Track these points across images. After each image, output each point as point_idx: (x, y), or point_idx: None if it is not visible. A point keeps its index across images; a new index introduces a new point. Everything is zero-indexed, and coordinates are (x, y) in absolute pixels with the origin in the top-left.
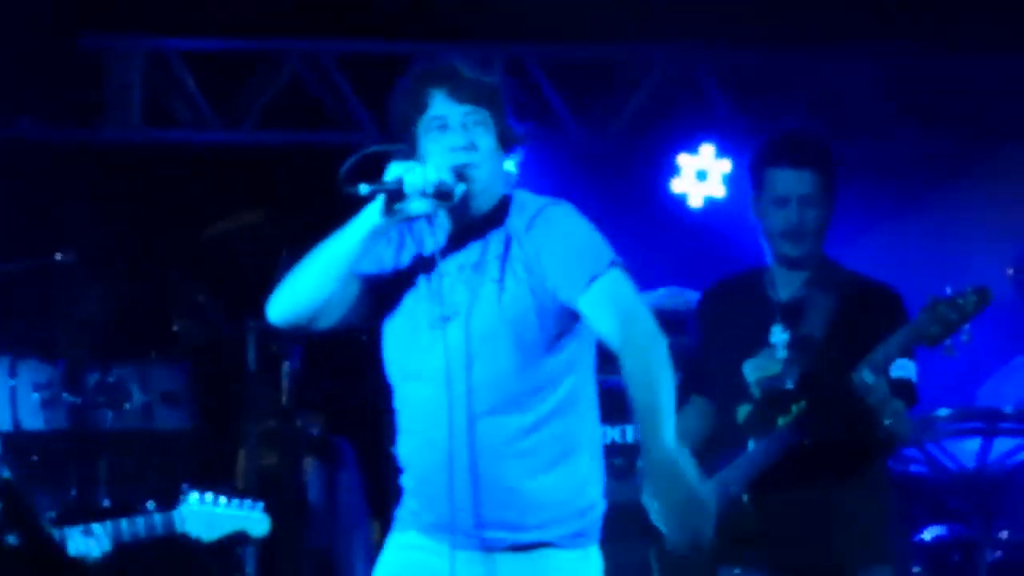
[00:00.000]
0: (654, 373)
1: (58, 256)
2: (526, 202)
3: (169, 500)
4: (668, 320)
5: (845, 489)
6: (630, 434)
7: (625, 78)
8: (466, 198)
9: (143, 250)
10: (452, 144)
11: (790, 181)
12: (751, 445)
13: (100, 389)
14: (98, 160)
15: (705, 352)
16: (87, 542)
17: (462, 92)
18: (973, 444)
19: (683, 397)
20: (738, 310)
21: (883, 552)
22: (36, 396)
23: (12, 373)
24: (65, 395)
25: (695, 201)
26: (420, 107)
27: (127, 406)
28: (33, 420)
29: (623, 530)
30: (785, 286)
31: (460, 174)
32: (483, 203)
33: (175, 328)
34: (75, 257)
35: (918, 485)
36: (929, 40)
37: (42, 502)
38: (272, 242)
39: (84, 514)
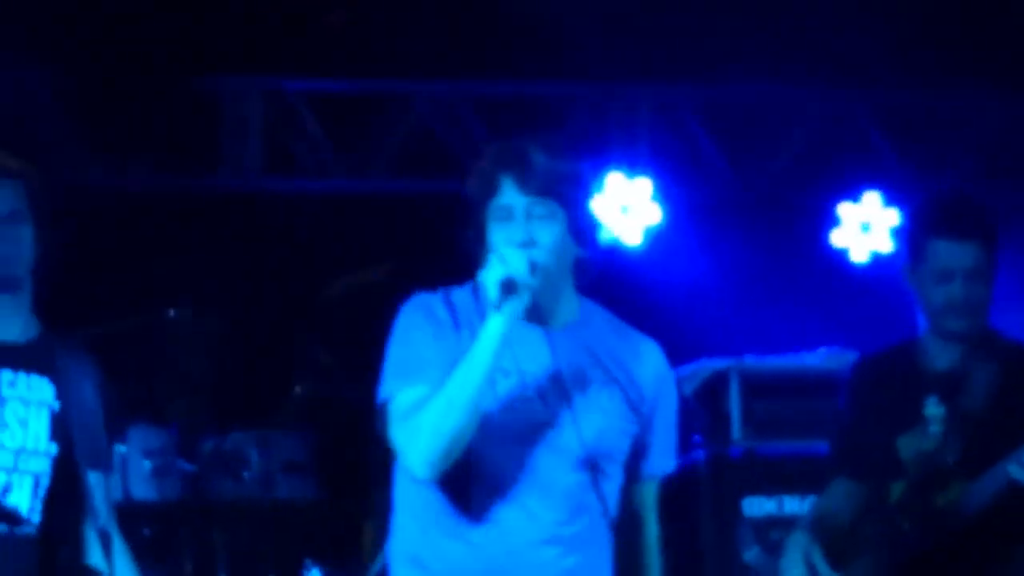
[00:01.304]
0: None
1: (171, 313)
2: (619, 321)
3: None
4: (830, 382)
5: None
6: (787, 506)
7: (782, 121)
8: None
9: (262, 307)
10: (512, 238)
11: (955, 254)
12: (904, 526)
13: (217, 456)
14: (214, 209)
15: (854, 429)
16: None
17: (530, 182)
18: None
19: (830, 475)
20: (891, 383)
21: None
22: (148, 464)
23: (122, 439)
24: (179, 463)
25: (858, 255)
26: (489, 192)
27: (246, 475)
28: (145, 490)
29: None
30: (942, 357)
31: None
32: (548, 302)
33: (297, 391)
34: (189, 314)
35: None
36: None
37: None
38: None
39: None
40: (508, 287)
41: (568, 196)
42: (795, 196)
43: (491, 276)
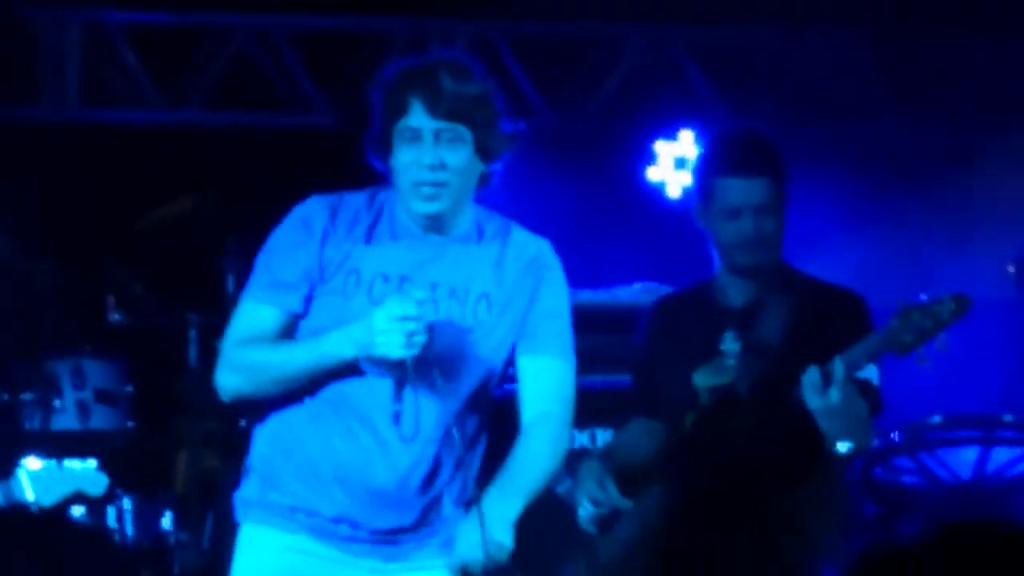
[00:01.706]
0: (543, 469)
1: None
2: (510, 232)
3: (4, 469)
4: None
5: (797, 496)
6: (599, 439)
7: (599, 59)
8: (441, 217)
9: (77, 237)
10: (420, 160)
11: (743, 191)
12: (695, 453)
13: (29, 385)
14: (31, 140)
15: (650, 367)
16: None
17: (440, 105)
18: (970, 454)
19: (628, 413)
20: (688, 321)
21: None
22: None
23: None
24: None
25: (673, 191)
26: (397, 112)
27: (58, 403)
28: None
29: None
30: (736, 292)
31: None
32: (453, 222)
33: (111, 321)
34: (3, 244)
35: (911, 497)
36: (924, 18)
37: None
38: (214, 230)
39: None
40: (404, 368)
41: (475, 118)
42: (612, 133)
43: (391, 331)
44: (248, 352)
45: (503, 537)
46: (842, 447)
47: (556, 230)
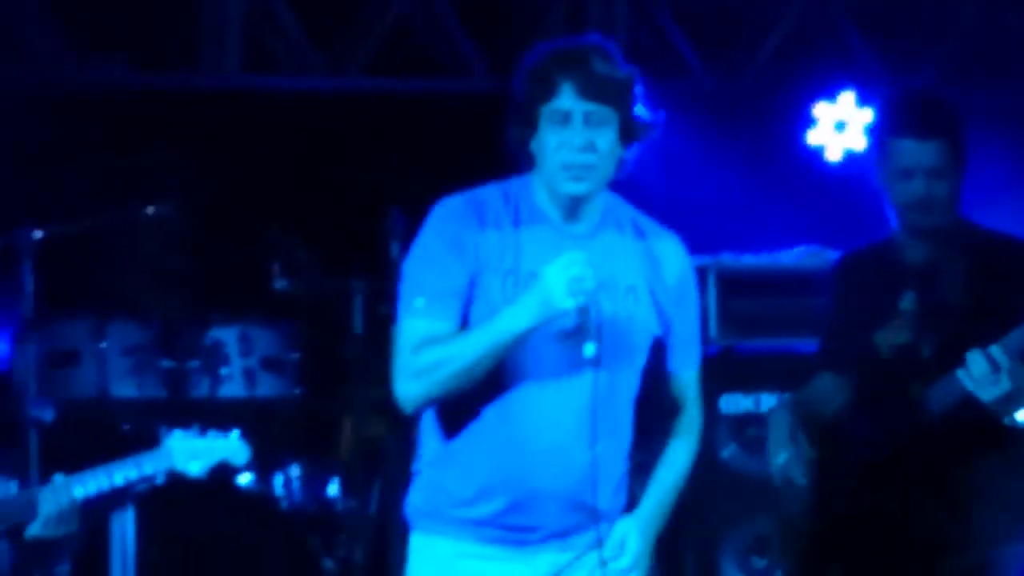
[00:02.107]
0: (686, 470)
1: (150, 209)
2: (644, 225)
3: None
4: (807, 280)
5: (984, 464)
6: (764, 403)
7: (757, 21)
8: (583, 200)
9: (241, 203)
10: (571, 142)
11: (915, 153)
12: (881, 418)
13: (196, 353)
14: (193, 106)
15: (836, 325)
16: (55, 498)
17: (591, 88)
18: None
19: (814, 370)
20: (869, 279)
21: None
22: (127, 360)
23: (101, 335)
24: (158, 359)
25: (833, 154)
26: (547, 95)
27: (225, 371)
28: (123, 387)
29: (753, 503)
30: (915, 251)
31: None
32: (591, 207)
33: (276, 287)
34: (169, 210)
35: None
36: None
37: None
38: (380, 197)
39: None
40: (584, 319)
41: (622, 101)
42: (771, 96)
43: (562, 288)
44: (425, 354)
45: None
46: (1018, 413)
47: (717, 194)
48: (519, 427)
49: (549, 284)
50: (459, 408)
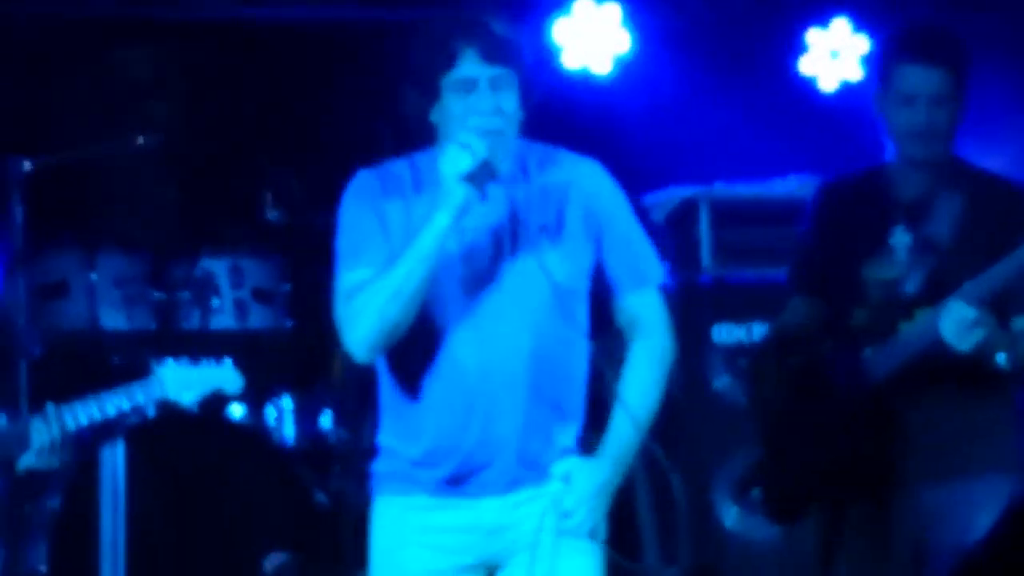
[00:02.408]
0: (656, 394)
1: (140, 140)
2: (553, 154)
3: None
4: (800, 210)
5: (966, 398)
6: (756, 334)
7: None
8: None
9: (232, 134)
10: (479, 108)
11: (919, 78)
12: (867, 351)
13: (187, 284)
14: (184, 37)
15: (817, 251)
16: (47, 428)
17: (494, 52)
18: None
19: (789, 293)
20: (857, 210)
21: (1009, 462)
22: (117, 292)
23: (91, 265)
24: (149, 290)
25: (827, 84)
26: (447, 63)
27: (216, 303)
28: (114, 318)
29: (747, 433)
30: (909, 185)
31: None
32: (499, 167)
33: (268, 218)
34: (159, 140)
35: None
36: None
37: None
38: (371, 128)
39: None
40: (484, 170)
41: (521, 62)
42: (764, 22)
43: (457, 163)
44: (357, 297)
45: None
46: (1000, 359)
47: (708, 124)
48: (455, 383)
49: (459, 149)
50: (399, 374)
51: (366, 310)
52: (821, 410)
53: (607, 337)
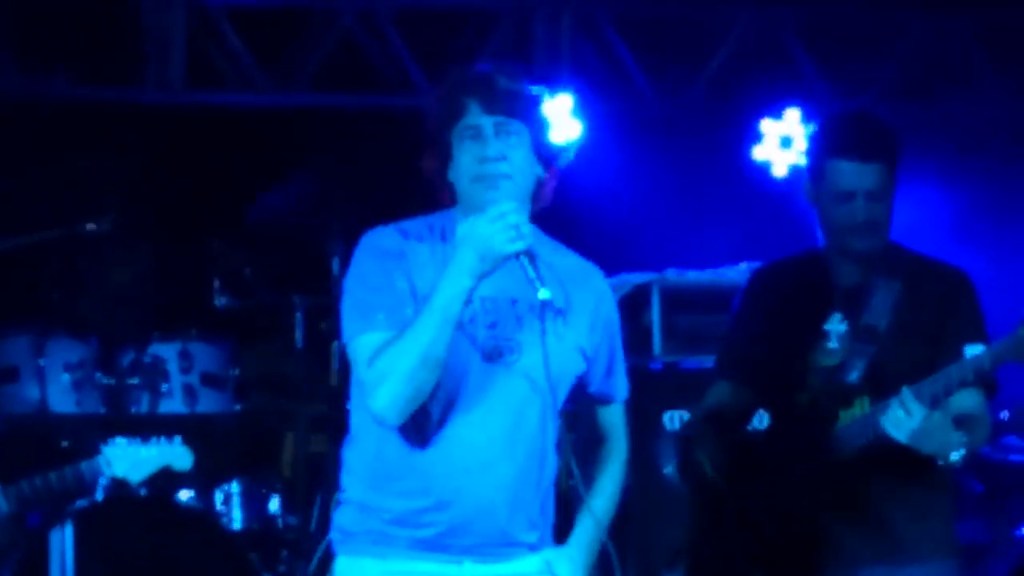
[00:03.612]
0: (615, 499)
1: (91, 225)
2: (559, 244)
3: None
4: None
5: (910, 483)
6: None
7: (704, 38)
8: None
9: (183, 219)
10: (484, 154)
11: (856, 175)
12: (808, 440)
13: (136, 369)
14: (137, 122)
15: (748, 336)
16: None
17: (496, 103)
18: None
19: (715, 376)
20: (793, 295)
21: (951, 547)
22: (66, 376)
23: (40, 351)
24: (98, 375)
25: (779, 170)
26: (455, 115)
27: (165, 388)
28: (63, 402)
29: None
30: (845, 273)
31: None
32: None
33: (217, 303)
34: (109, 226)
35: (1019, 476)
36: None
37: None
38: (321, 213)
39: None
40: (528, 253)
41: (530, 117)
42: (717, 112)
43: (495, 232)
44: (381, 358)
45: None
46: (955, 456)
47: (662, 210)
48: (450, 445)
49: (484, 235)
50: (401, 430)
51: (394, 374)
52: (756, 490)
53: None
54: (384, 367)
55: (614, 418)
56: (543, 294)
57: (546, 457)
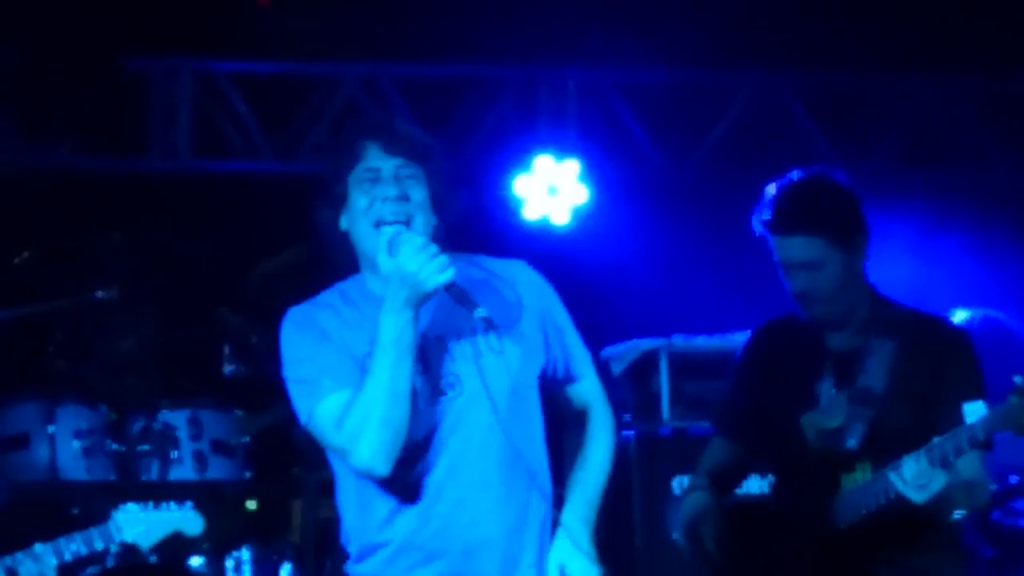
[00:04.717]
0: (607, 467)
1: (99, 293)
2: (473, 257)
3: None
4: None
5: (918, 550)
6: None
7: (709, 103)
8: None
9: (191, 287)
10: (384, 194)
11: (785, 249)
12: (814, 507)
13: (146, 436)
14: (143, 191)
15: (744, 395)
16: (36, 565)
17: (396, 145)
18: None
19: (710, 434)
20: (786, 355)
21: None
22: (76, 443)
23: (50, 418)
24: (108, 442)
25: None
26: (354, 158)
27: (175, 454)
28: (73, 470)
29: None
30: (836, 335)
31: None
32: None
33: (225, 371)
34: (117, 294)
35: None
36: None
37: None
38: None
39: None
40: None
41: (428, 162)
42: (723, 177)
43: (422, 263)
44: (348, 417)
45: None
46: (957, 514)
47: (670, 274)
48: (427, 495)
49: (411, 271)
50: (381, 485)
51: (369, 423)
52: (759, 561)
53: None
54: (355, 422)
55: (588, 390)
56: (480, 312)
57: (533, 469)
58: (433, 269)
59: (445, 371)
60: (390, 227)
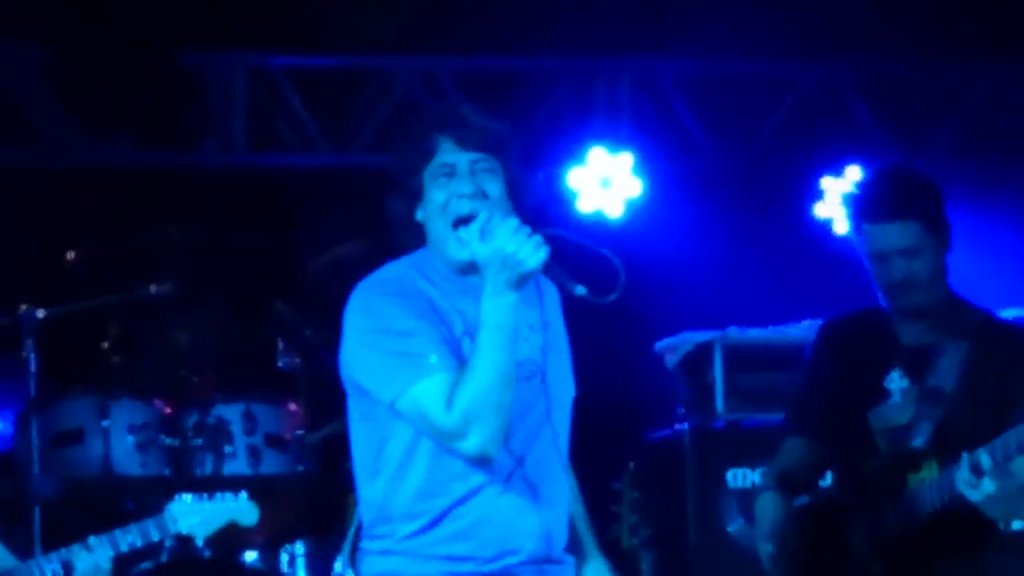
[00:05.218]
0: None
1: (153, 288)
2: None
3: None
4: None
5: (983, 549)
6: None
7: (764, 95)
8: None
9: (246, 281)
10: (460, 191)
11: (884, 236)
12: (881, 504)
13: (200, 431)
14: (199, 186)
15: (815, 392)
16: (91, 557)
17: (469, 140)
18: None
19: (785, 432)
20: (856, 349)
21: None
22: (131, 439)
23: (104, 413)
24: (162, 437)
25: (841, 227)
26: (427, 154)
27: (229, 449)
28: (128, 464)
29: None
30: (908, 331)
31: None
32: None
33: (280, 365)
34: (172, 289)
35: None
36: None
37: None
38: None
39: None
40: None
41: (503, 152)
42: (777, 169)
43: (522, 245)
44: (459, 399)
45: None
46: (1017, 524)
47: (724, 267)
48: (513, 474)
49: (510, 252)
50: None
51: (485, 409)
52: (833, 558)
53: None
54: (471, 406)
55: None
56: (580, 290)
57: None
58: (531, 249)
59: (525, 359)
60: (477, 216)
